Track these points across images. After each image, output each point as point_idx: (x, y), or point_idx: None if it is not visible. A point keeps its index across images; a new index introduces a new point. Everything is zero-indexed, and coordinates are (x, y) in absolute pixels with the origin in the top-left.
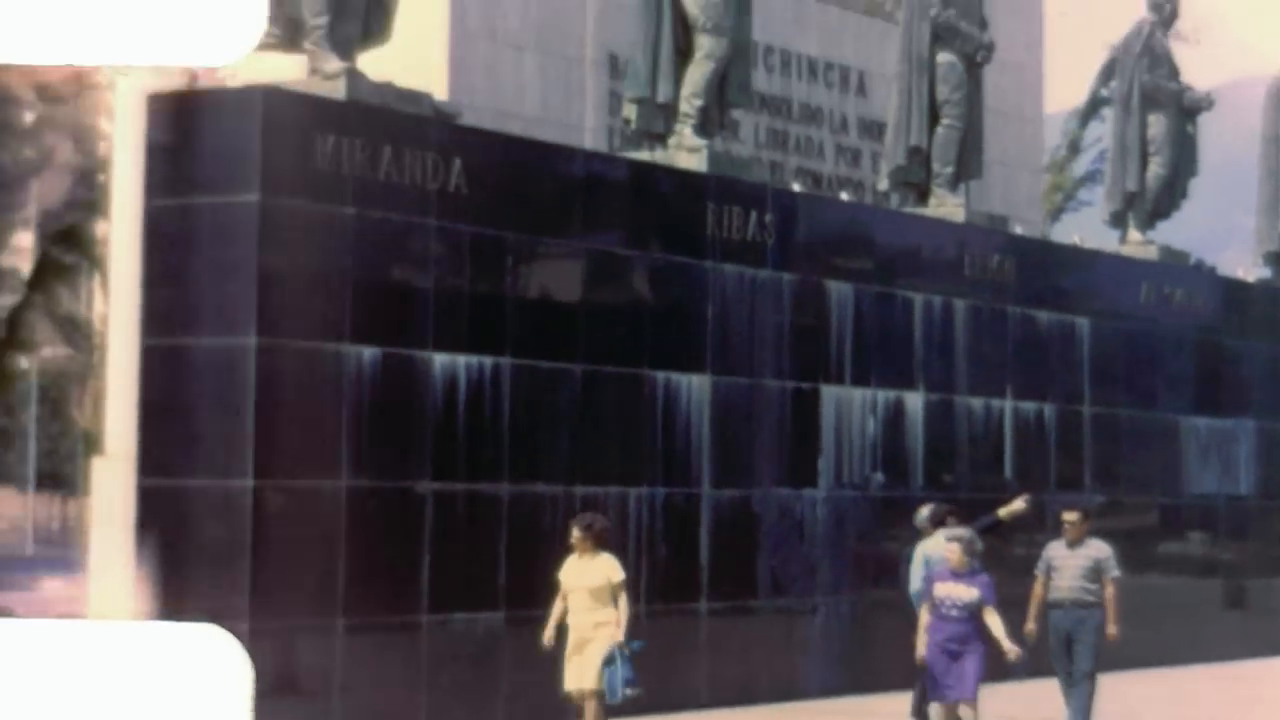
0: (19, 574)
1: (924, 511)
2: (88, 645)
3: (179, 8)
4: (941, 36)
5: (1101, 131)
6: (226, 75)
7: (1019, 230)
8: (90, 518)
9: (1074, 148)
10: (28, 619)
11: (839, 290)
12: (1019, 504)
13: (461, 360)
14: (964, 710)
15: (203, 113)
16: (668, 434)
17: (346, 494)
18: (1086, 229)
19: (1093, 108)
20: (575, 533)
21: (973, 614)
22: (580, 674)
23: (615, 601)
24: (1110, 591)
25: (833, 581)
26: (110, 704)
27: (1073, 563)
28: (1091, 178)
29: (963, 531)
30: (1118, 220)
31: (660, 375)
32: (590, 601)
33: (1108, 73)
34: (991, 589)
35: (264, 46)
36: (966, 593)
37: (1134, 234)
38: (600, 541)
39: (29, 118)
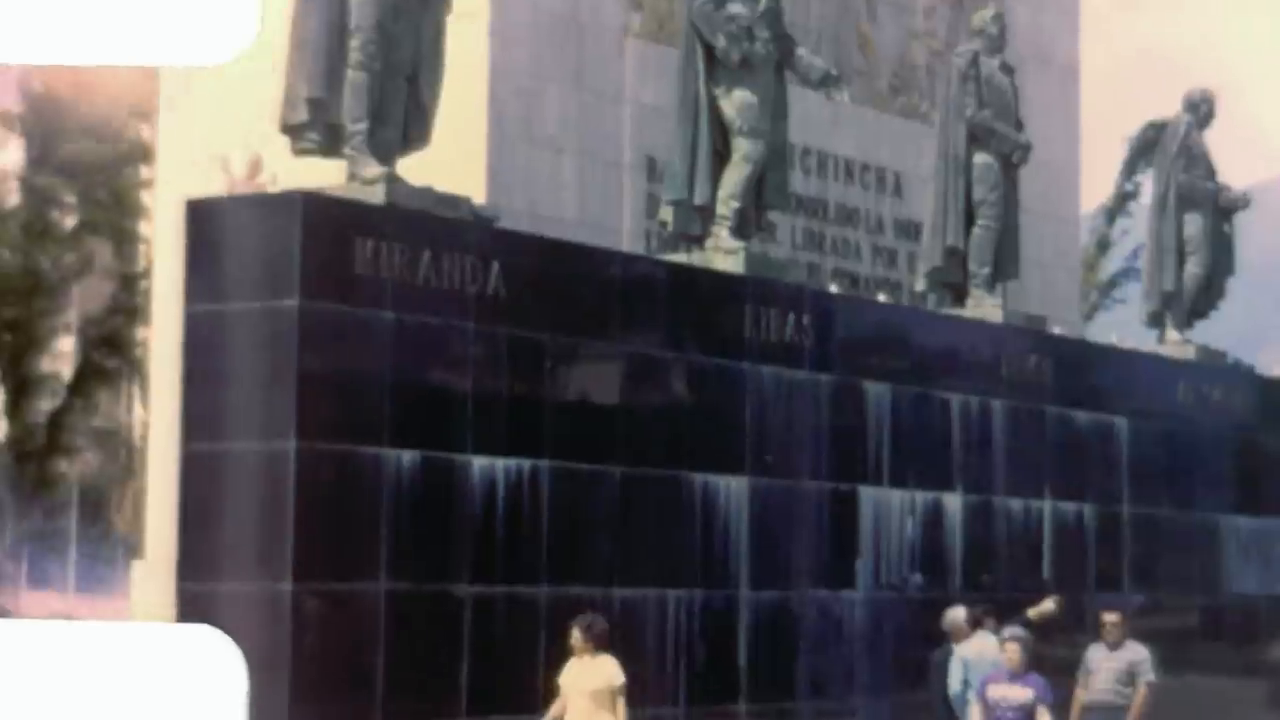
0: None
1: (956, 613)
2: (86, 646)
3: (172, 8)
4: (978, 137)
5: (1129, 226)
6: (267, 180)
7: (1057, 330)
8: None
9: (1103, 245)
10: (26, 619)
11: (876, 391)
12: (1048, 605)
13: (500, 463)
14: None
15: (243, 217)
16: (706, 536)
17: (385, 597)
18: (1122, 326)
19: (1119, 204)
20: (575, 634)
21: (1028, 715)
22: None
23: (615, 706)
24: (1141, 696)
25: (872, 683)
26: (110, 704)
27: (1109, 665)
28: (1124, 275)
29: (1021, 631)
30: (1155, 320)
31: (698, 477)
32: (590, 705)
33: (1130, 167)
34: (1046, 689)
35: (303, 151)
36: (1021, 694)
37: (1171, 333)
38: (601, 643)
39: (70, 222)
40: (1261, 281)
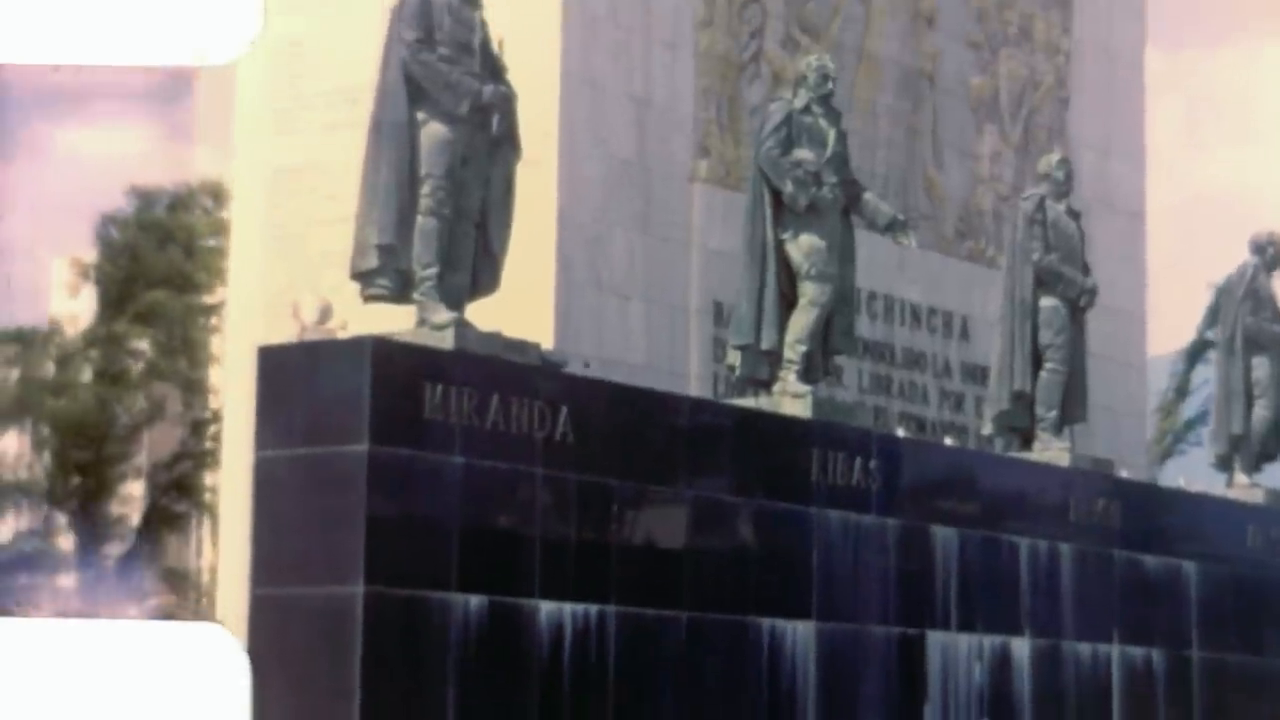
0: None
1: None
2: (90, 644)
3: (176, 7)
4: (1045, 281)
5: (1208, 374)
6: (337, 326)
7: (1124, 474)
8: None
9: (1181, 391)
10: (30, 617)
11: (944, 535)
12: None
13: (567, 608)
14: None
15: (313, 363)
16: (773, 680)
17: None
18: (1196, 471)
19: (1199, 350)
20: None
21: None
22: None
23: None
24: None
25: None
26: (112, 702)
27: None
28: (1199, 420)
29: None
30: (1224, 463)
31: (765, 622)
32: None
33: (1213, 315)
34: None
35: (373, 298)
36: None
37: (1240, 477)
38: None
39: (141, 369)
40: None
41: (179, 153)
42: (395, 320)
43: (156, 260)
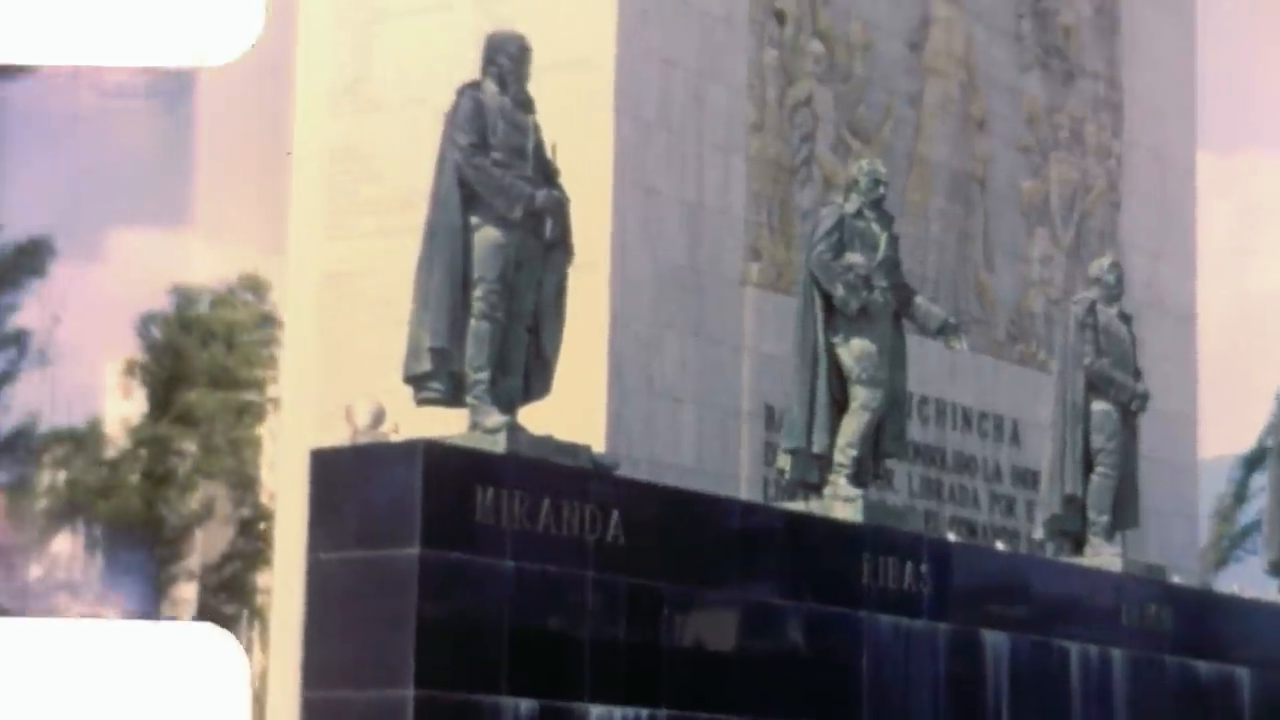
0: None
1: None
2: (89, 644)
3: (176, 7)
4: (1096, 385)
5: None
6: (389, 429)
7: (1176, 579)
8: None
9: (1239, 496)
10: (28, 618)
11: (995, 640)
12: None
13: (618, 712)
14: None
15: (365, 467)
16: None
17: None
18: (1252, 579)
19: (1258, 457)
20: None
21: None
22: None
23: None
24: None
25: None
26: (111, 703)
27: None
28: (1255, 527)
29: None
30: (1277, 569)
31: None
32: None
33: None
34: None
35: (426, 401)
36: None
37: None
38: None
39: (190, 469)
40: None
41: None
42: (448, 424)
43: (199, 358)
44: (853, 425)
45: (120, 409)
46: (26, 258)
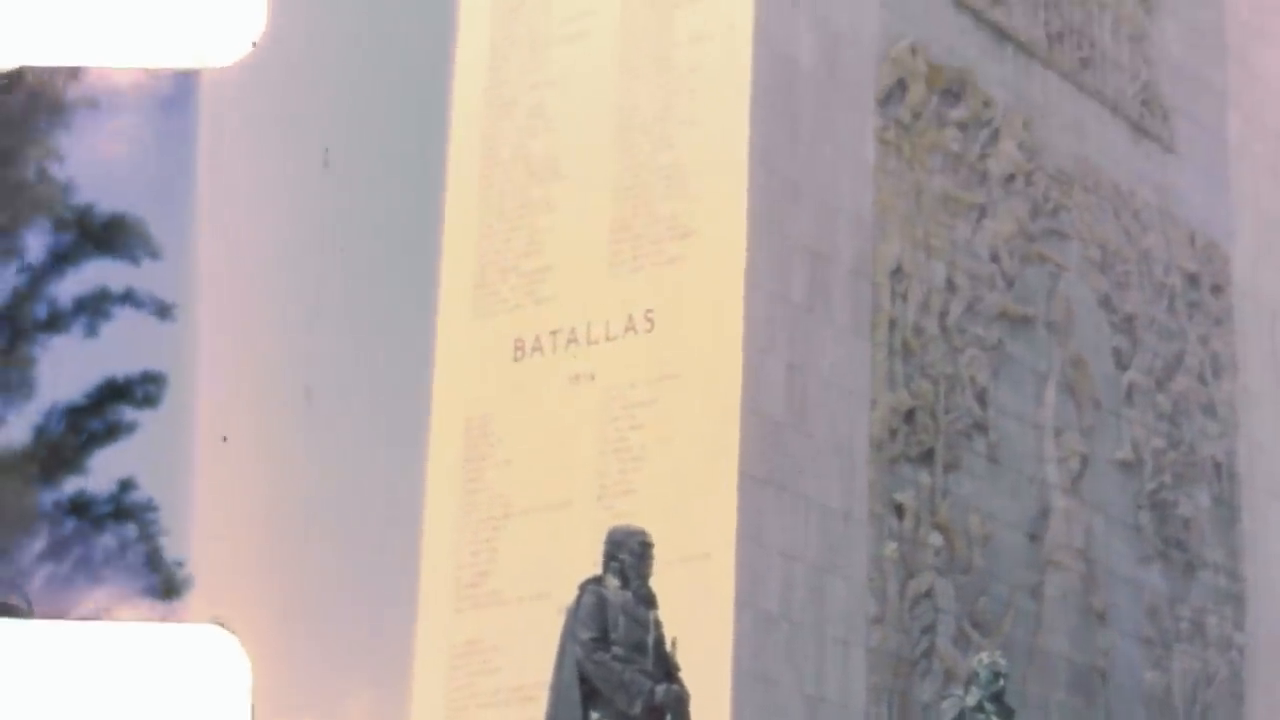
0: None
1: None
2: (90, 646)
3: (178, 8)
4: None
5: None
6: None
7: None
8: None
9: None
10: (31, 619)
11: None
12: None
13: None
14: None
15: None
16: None
17: None
18: None
19: None
20: None
21: None
22: None
23: None
24: None
25: None
26: (112, 703)
27: None
28: None
29: None
30: None
31: None
32: None
33: None
34: None
35: None
36: None
37: None
38: None
39: None
40: None
41: None
42: None
43: None
44: None
45: None
46: None
